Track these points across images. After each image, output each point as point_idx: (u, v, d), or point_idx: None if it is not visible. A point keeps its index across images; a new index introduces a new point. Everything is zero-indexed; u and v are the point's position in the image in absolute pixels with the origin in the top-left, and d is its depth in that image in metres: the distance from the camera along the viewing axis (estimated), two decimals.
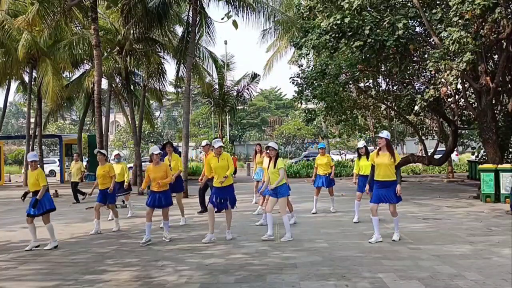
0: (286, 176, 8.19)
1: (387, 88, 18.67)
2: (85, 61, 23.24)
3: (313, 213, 10.80)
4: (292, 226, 8.90)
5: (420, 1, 12.81)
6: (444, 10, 12.54)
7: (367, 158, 8.61)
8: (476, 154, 18.45)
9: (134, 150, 21.11)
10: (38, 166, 7.95)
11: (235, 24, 9.83)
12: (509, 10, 12.62)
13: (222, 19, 9.57)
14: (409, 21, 13.19)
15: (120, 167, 11.23)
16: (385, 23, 12.61)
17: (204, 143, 10.55)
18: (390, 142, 7.62)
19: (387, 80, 18.08)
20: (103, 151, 9.95)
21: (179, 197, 9.99)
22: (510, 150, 15.84)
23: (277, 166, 7.73)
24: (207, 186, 10.92)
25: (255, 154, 11.93)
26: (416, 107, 13.53)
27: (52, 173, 32.47)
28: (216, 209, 7.84)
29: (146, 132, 45.73)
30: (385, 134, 7.55)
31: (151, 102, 31.64)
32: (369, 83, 19.14)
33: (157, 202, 7.98)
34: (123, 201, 13.21)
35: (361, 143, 9.89)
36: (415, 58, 14.70)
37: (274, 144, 7.98)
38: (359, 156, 9.73)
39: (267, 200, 8.80)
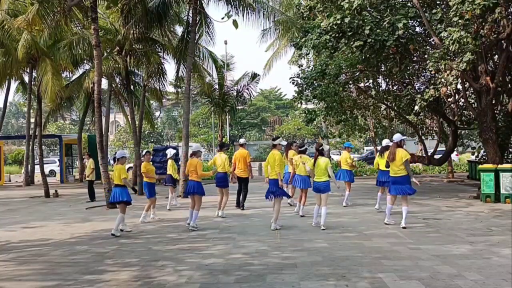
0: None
1: (387, 88, 18.66)
2: (85, 61, 23.20)
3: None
4: (292, 226, 8.91)
5: (420, 1, 12.81)
6: (444, 10, 12.54)
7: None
8: (476, 154, 18.43)
9: (134, 150, 21.04)
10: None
11: (235, 24, 9.81)
12: (509, 10, 12.62)
13: (222, 18, 9.57)
14: (409, 21, 13.17)
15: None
16: (385, 23, 12.60)
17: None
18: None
19: (387, 80, 18.07)
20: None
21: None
22: (510, 150, 15.84)
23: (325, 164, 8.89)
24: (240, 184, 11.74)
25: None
26: (416, 107, 13.52)
27: (52, 173, 32.46)
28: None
29: (146, 132, 45.69)
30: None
31: (151, 102, 31.58)
32: (369, 83, 19.13)
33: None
34: None
35: (385, 141, 10.97)
36: (415, 58, 14.68)
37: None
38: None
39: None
